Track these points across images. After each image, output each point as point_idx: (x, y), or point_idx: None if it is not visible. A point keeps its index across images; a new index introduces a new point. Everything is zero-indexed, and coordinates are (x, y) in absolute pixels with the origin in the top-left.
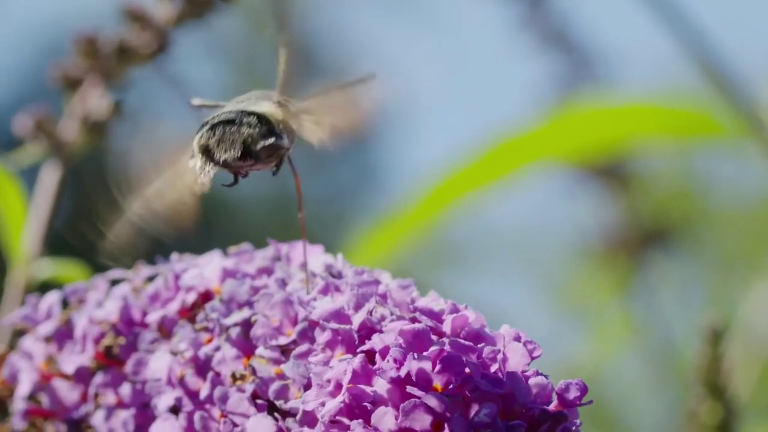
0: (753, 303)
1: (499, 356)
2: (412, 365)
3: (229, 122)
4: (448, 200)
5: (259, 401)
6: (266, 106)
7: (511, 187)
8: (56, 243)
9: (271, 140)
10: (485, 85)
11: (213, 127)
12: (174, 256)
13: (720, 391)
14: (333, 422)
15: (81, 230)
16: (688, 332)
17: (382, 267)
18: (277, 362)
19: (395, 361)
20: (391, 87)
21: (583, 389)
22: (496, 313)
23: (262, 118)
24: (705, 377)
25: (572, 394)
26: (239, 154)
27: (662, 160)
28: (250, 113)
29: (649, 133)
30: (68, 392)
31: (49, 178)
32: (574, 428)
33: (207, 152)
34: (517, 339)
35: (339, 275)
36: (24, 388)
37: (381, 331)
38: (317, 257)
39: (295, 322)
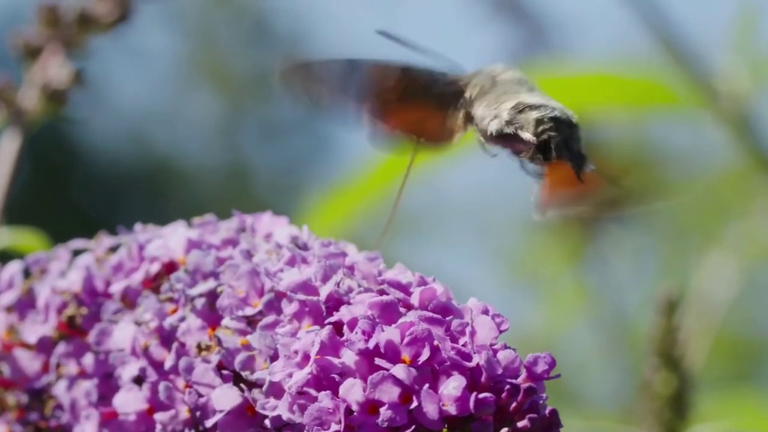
0: (706, 273)
1: (468, 329)
2: (380, 337)
3: (573, 127)
4: (402, 170)
5: (224, 372)
6: None
7: (465, 156)
8: (15, 211)
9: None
10: (441, 53)
11: (559, 126)
12: (137, 226)
13: (674, 361)
14: (300, 393)
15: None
16: (642, 302)
17: (337, 236)
18: (243, 333)
19: (363, 333)
20: None
21: (551, 363)
22: (450, 282)
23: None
24: (659, 347)
25: (540, 368)
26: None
27: (617, 130)
28: (578, 126)
29: (604, 103)
30: (30, 362)
31: (8, 146)
32: (541, 402)
33: (546, 145)
34: (485, 312)
35: (305, 247)
36: None
37: (349, 303)
38: (282, 228)
39: (261, 294)
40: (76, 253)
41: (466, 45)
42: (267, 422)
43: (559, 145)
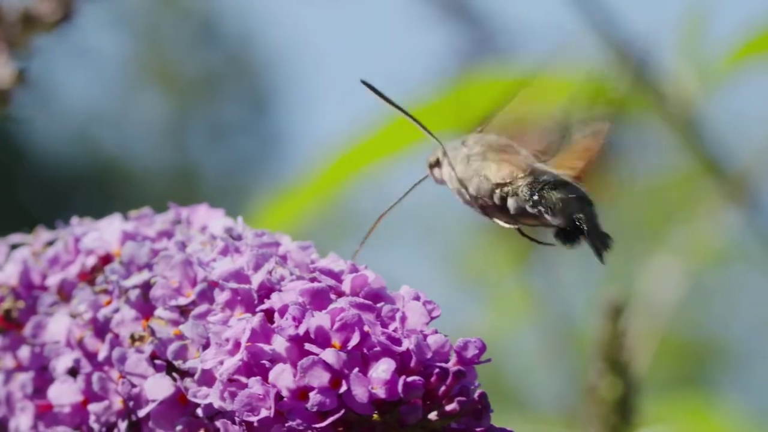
0: (652, 277)
1: (398, 315)
2: (310, 323)
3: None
4: (350, 171)
5: (157, 362)
6: None
7: (412, 158)
8: None
9: None
10: (388, 55)
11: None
12: (74, 219)
13: (620, 365)
14: (231, 380)
15: None
16: (587, 306)
17: None
18: (176, 323)
19: (294, 319)
20: None
21: (482, 347)
22: (395, 284)
23: None
24: (605, 352)
25: (470, 352)
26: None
27: None
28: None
29: (550, 105)
30: None
31: None
32: (472, 387)
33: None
34: (417, 299)
35: (239, 238)
36: None
37: (280, 291)
38: (218, 220)
39: (194, 284)
40: (15, 247)
41: (413, 47)
42: (199, 411)
43: (590, 227)
